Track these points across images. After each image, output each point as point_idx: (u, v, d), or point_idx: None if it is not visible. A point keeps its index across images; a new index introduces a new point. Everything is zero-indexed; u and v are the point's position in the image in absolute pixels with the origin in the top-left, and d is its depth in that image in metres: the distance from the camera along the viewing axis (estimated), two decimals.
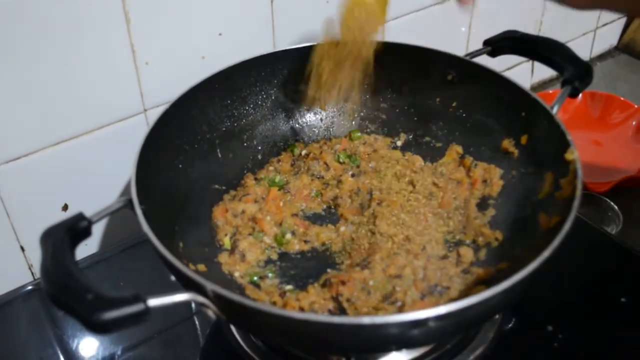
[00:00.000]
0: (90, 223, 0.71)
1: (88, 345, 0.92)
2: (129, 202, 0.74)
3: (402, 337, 0.64)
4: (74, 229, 0.69)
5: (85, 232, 0.71)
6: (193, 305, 0.96)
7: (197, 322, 0.95)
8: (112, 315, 0.57)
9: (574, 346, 0.87)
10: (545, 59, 0.97)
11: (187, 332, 0.94)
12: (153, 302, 0.60)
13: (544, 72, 1.59)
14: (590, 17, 1.62)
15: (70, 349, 0.91)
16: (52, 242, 0.66)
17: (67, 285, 0.61)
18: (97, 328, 0.58)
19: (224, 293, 0.63)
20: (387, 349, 0.78)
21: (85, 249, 1.05)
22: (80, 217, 0.70)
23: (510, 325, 0.89)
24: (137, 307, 0.59)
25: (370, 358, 0.83)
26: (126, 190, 1.04)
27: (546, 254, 0.67)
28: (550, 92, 1.42)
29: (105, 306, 0.58)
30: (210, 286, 0.63)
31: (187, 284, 0.66)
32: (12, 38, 0.83)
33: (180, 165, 0.92)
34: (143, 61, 0.96)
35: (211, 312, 0.65)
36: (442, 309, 0.61)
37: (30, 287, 1.01)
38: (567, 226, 0.70)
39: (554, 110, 0.86)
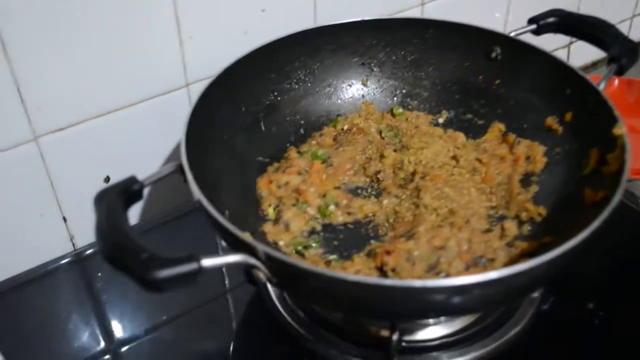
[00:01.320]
0: (142, 186, 0.72)
1: (127, 317, 0.93)
2: (180, 168, 0.75)
3: (449, 303, 0.65)
4: (127, 191, 0.70)
5: (138, 195, 0.72)
6: (227, 281, 0.97)
7: (230, 299, 0.96)
8: (166, 274, 0.58)
9: (615, 323, 0.87)
10: (591, 37, 0.96)
11: (223, 308, 0.95)
12: (206, 262, 0.61)
13: (579, 58, 1.58)
14: (627, 5, 1.60)
15: (109, 320, 0.93)
16: (106, 204, 0.67)
17: (122, 244, 0.62)
18: (152, 286, 0.59)
19: (276, 255, 0.64)
20: (432, 316, 0.79)
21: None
22: (132, 180, 0.71)
23: (549, 303, 0.89)
24: (191, 266, 0.60)
25: (412, 329, 0.83)
26: (167, 163, 1.05)
27: (595, 224, 0.67)
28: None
29: (160, 265, 0.59)
30: (262, 247, 0.64)
31: (239, 246, 0.67)
32: (59, 10, 0.84)
33: (225, 137, 0.92)
34: (188, 35, 0.97)
35: (262, 275, 0.66)
36: (493, 274, 0.62)
37: (70, 258, 1.02)
38: (617, 198, 0.70)
39: (601, 87, 0.86)
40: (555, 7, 1.02)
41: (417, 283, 0.62)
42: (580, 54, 1.55)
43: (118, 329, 0.91)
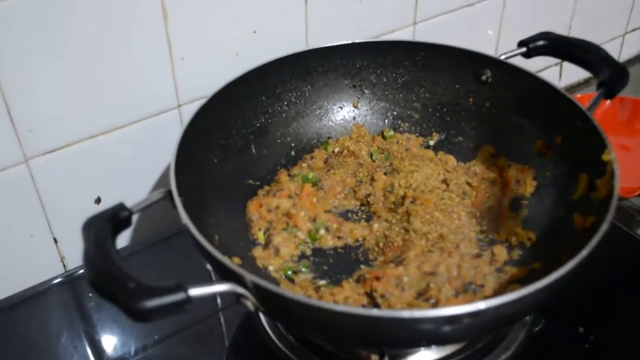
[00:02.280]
0: (130, 213, 0.72)
1: (118, 338, 0.93)
2: (168, 194, 0.75)
3: (437, 332, 0.65)
4: (115, 218, 0.70)
5: (126, 222, 0.72)
6: (219, 301, 0.97)
7: (222, 318, 0.95)
8: (154, 304, 0.58)
9: (605, 348, 0.87)
10: (581, 61, 0.96)
11: (215, 328, 0.94)
12: (194, 291, 0.61)
13: (571, 76, 1.59)
14: (619, 22, 1.61)
15: (100, 341, 0.92)
16: (94, 231, 0.67)
17: (110, 273, 0.62)
18: (139, 316, 0.59)
19: (264, 284, 0.63)
20: (422, 344, 0.79)
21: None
22: (121, 207, 0.71)
23: (540, 326, 0.89)
24: (179, 296, 0.60)
25: (402, 355, 0.83)
26: (158, 185, 1.05)
27: (585, 252, 0.67)
28: (579, 96, 1.42)
29: (147, 295, 0.59)
30: (249, 277, 0.64)
31: (226, 275, 0.67)
32: (50, 33, 0.84)
33: (216, 160, 0.92)
34: (179, 57, 0.97)
35: (250, 304, 0.66)
36: (481, 305, 0.61)
37: (61, 279, 1.02)
38: (605, 226, 0.70)
39: (590, 112, 0.86)
40: (547, 27, 1.02)
41: (404, 314, 0.61)
42: (573, 71, 1.55)
43: (109, 350, 0.91)
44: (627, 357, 0.87)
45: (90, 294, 0.99)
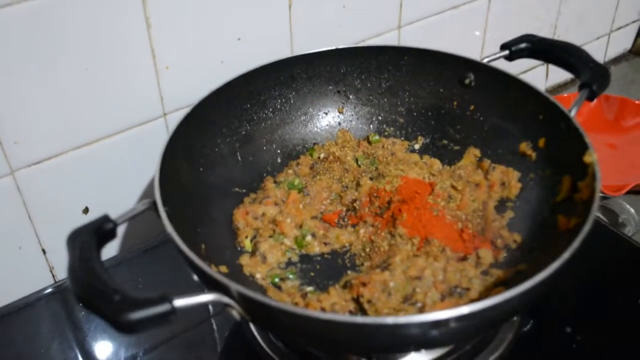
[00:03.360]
0: (115, 225, 0.72)
1: (108, 347, 0.93)
2: (153, 205, 0.75)
3: (423, 337, 0.65)
4: (100, 230, 0.70)
5: (111, 234, 0.72)
6: (211, 308, 0.97)
7: (214, 325, 0.96)
8: (139, 316, 0.59)
9: (592, 347, 0.88)
10: (563, 63, 0.97)
11: (206, 334, 0.95)
12: (179, 302, 0.61)
13: (558, 75, 1.59)
14: (604, 21, 1.62)
15: (91, 351, 0.92)
16: (79, 244, 0.67)
17: (95, 286, 0.62)
18: (124, 328, 0.59)
19: (249, 294, 0.64)
20: (408, 349, 0.79)
21: (104, 252, 1.06)
22: (105, 218, 0.71)
23: (528, 327, 0.90)
24: (163, 308, 0.60)
25: (391, 358, 0.84)
26: (146, 194, 1.05)
27: (566, 255, 0.67)
28: (565, 95, 1.43)
29: (132, 307, 0.59)
30: (234, 287, 0.64)
31: (211, 285, 0.67)
32: (35, 42, 0.84)
33: (201, 169, 0.93)
34: (163, 65, 0.97)
35: (235, 313, 0.66)
36: (465, 309, 0.62)
37: (51, 290, 1.02)
38: (586, 228, 0.70)
39: (572, 114, 0.87)
40: (532, 28, 1.03)
41: (389, 320, 0.62)
42: (558, 71, 1.54)
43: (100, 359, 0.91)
44: (614, 356, 0.87)
45: (80, 304, 0.99)
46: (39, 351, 0.92)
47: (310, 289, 0.86)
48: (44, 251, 1.00)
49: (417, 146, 1.07)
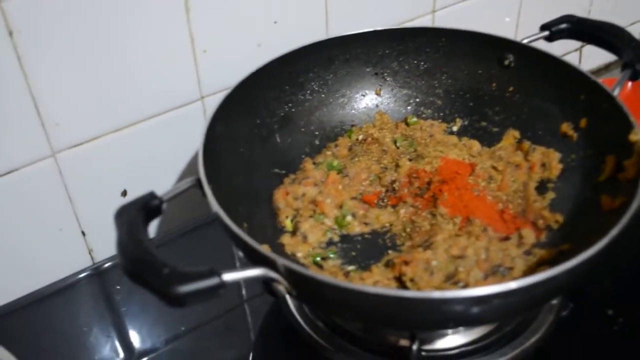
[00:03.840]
0: (161, 202, 0.73)
1: (146, 328, 0.94)
2: (198, 182, 0.76)
3: (467, 313, 0.65)
4: (147, 207, 0.71)
5: (157, 211, 0.73)
6: (244, 292, 0.97)
7: (247, 310, 0.97)
8: (188, 289, 0.59)
9: (635, 329, 0.87)
10: (604, 43, 0.96)
11: (241, 319, 0.95)
12: (227, 276, 0.61)
13: (591, 61, 1.58)
14: (639, 6, 1.60)
15: (129, 333, 0.93)
16: (126, 219, 0.68)
17: (144, 260, 0.62)
18: (174, 301, 0.60)
19: (296, 268, 0.64)
20: (451, 326, 0.79)
21: None
22: (152, 195, 0.72)
23: (568, 310, 0.89)
24: (212, 281, 0.60)
25: (432, 339, 0.84)
26: (183, 177, 1.05)
27: (615, 231, 0.67)
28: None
29: (181, 280, 0.59)
30: (281, 261, 0.64)
31: (258, 260, 0.67)
32: (75, 27, 0.85)
33: (241, 149, 0.93)
34: (201, 49, 0.97)
35: (282, 288, 0.66)
36: (512, 284, 0.62)
37: (89, 272, 1.03)
38: (635, 204, 0.70)
39: (615, 93, 0.86)
40: (566, 12, 1.02)
41: (436, 294, 0.62)
42: (591, 57, 1.55)
43: (137, 341, 0.92)
44: None
45: (118, 286, 1.00)
46: (77, 332, 0.93)
47: (352, 267, 0.86)
48: (83, 233, 1.01)
49: (455, 128, 1.06)
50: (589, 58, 1.55)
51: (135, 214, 0.69)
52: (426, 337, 0.83)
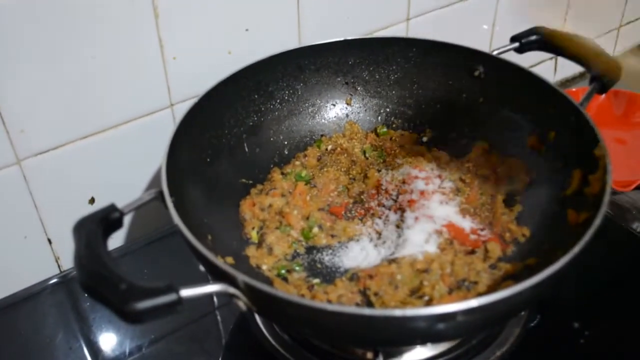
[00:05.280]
0: (122, 214, 0.71)
1: (113, 338, 0.92)
2: (160, 194, 0.75)
3: (431, 330, 0.64)
4: (107, 219, 0.70)
5: (117, 223, 0.71)
6: (216, 300, 0.97)
7: (219, 317, 0.95)
8: (145, 305, 0.58)
9: (601, 343, 0.87)
10: (573, 55, 0.96)
11: (211, 327, 0.94)
12: (185, 292, 0.61)
13: (566, 70, 1.58)
14: (613, 15, 1.61)
15: (96, 342, 0.92)
16: (85, 233, 0.67)
17: (101, 275, 0.61)
18: (131, 318, 0.59)
19: (256, 284, 0.63)
20: (415, 342, 0.78)
21: (109, 243, 1.06)
22: (112, 208, 0.71)
23: (535, 322, 0.89)
24: (170, 297, 0.59)
25: (397, 352, 0.83)
26: (152, 185, 1.05)
27: (577, 248, 0.66)
28: (574, 90, 1.41)
29: (138, 296, 0.59)
30: (241, 277, 0.64)
31: (218, 275, 0.67)
32: (40, 31, 0.84)
33: (208, 159, 0.92)
34: (171, 56, 0.96)
35: (242, 304, 0.66)
36: (474, 302, 0.61)
37: (56, 280, 1.02)
38: (597, 221, 0.70)
39: (583, 106, 0.86)
40: (542, 22, 1.02)
41: (397, 312, 0.61)
42: (568, 65, 1.54)
43: (105, 350, 0.91)
44: (622, 352, 0.86)
45: (86, 295, 0.98)
46: (44, 341, 0.92)
47: (316, 280, 0.86)
48: (49, 241, 1.00)
49: (425, 139, 1.06)
50: (565, 66, 1.56)
51: (95, 227, 0.68)
52: (391, 351, 0.82)
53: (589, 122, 0.83)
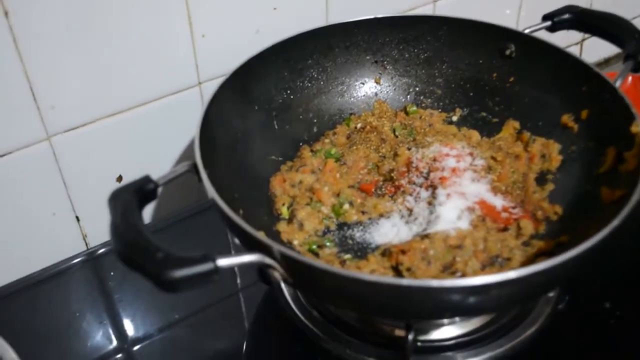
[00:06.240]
0: (156, 186, 0.72)
1: (140, 315, 0.93)
2: (194, 167, 0.75)
3: (465, 303, 0.64)
4: (142, 190, 0.70)
5: (152, 195, 0.72)
6: (239, 281, 0.97)
7: (242, 298, 0.96)
8: (182, 274, 0.58)
9: (632, 323, 0.87)
10: (607, 34, 0.95)
11: (236, 306, 0.95)
12: (222, 261, 0.61)
13: (592, 55, 1.57)
14: None
15: (123, 319, 0.93)
16: (121, 203, 0.67)
17: (138, 244, 0.62)
18: (167, 286, 0.59)
19: (292, 254, 0.63)
20: (449, 315, 0.78)
21: None
22: (147, 179, 0.71)
23: (565, 302, 0.88)
24: (206, 266, 0.60)
25: (428, 329, 0.83)
26: (180, 162, 1.05)
27: (615, 222, 0.66)
28: None
29: (175, 265, 0.59)
30: (277, 247, 0.64)
31: (254, 246, 0.66)
32: (71, 8, 0.84)
33: (239, 134, 0.92)
34: (200, 34, 0.96)
35: (278, 274, 0.66)
36: (512, 274, 0.61)
37: (84, 257, 1.02)
38: (635, 196, 0.69)
39: (617, 84, 0.85)
40: (569, 3, 1.01)
41: (433, 283, 0.61)
42: (592, 50, 1.54)
43: (131, 328, 0.91)
44: None
45: (112, 272, 0.99)
46: (70, 318, 0.92)
47: (348, 256, 0.85)
48: (77, 218, 1.00)
49: (455, 118, 1.06)
50: (590, 51, 1.54)
51: (130, 197, 0.68)
52: (422, 328, 0.82)
53: (624, 100, 0.83)
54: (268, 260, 0.65)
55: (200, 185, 0.74)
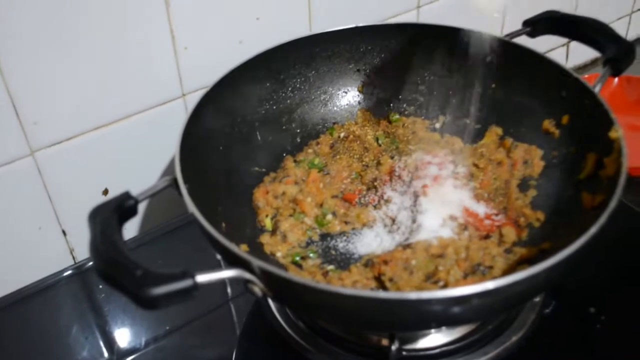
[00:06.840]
0: (136, 202, 0.72)
1: (128, 329, 0.93)
2: (174, 182, 0.75)
3: (447, 314, 0.64)
4: (121, 207, 0.70)
5: (132, 211, 0.72)
6: (229, 291, 0.97)
7: (233, 308, 0.96)
8: (161, 291, 0.58)
9: (617, 328, 0.87)
10: (586, 39, 0.95)
11: (225, 317, 0.95)
12: (201, 278, 0.61)
13: (579, 56, 1.57)
14: (625, 1, 1.60)
15: (111, 333, 0.92)
16: (100, 220, 0.67)
17: (117, 261, 0.62)
18: (147, 304, 0.59)
19: (271, 269, 0.63)
20: (431, 326, 0.78)
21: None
22: (127, 195, 0.71)
23: (551, 308, 0.88)
24: (185, 283, 0.60)
25: (412, 338, 0.83)
26: (165, 175, 1.05)
27: (593, 230, 0.66)
28: (586, 76, 1.41)
29: (154, 282, 0.59)
30: (256, 262, 0.64)
31: (233, 261, 0.67)
32: (52, 23, 0.84)
33: (221, 148, 0.92)
34: (182, 46, 0.96)
35: (257, 289, 0.66)
36: (490, 285, 0.61)
37: (71, 271, 1.02)
38: (613, 202, 0.69)
39: (596, 90, 0.86)
40: (553, 7, 1.01)
41: (413, 295, 0.61)
42: (579, 52, 1.54)
43: (120, 341, 0.91)
44: (639, 336, 0.86)
45: (100, 286, 0.99)
46: (59, 332, 0.92)
47: (331, 267, 0.85)
48: (64, 232, 1.00)
49: (437, 125, 1.06)
50: (577, 53, 1.55)
51: (110, 214, 0.68)
52: (407, 337, 0.82)
53: (602, 105, 0.83)
54: (248, 275, 0.65)
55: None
